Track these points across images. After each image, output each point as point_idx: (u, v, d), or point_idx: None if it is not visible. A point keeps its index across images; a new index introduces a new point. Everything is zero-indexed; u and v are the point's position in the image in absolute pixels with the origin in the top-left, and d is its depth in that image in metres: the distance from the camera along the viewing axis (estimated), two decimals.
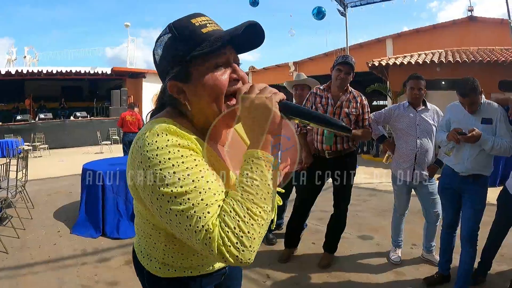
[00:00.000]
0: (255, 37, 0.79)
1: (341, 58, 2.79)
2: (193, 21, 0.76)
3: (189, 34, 0.74)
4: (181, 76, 0.77)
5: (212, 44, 0.72)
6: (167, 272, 0.91)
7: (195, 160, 0.70)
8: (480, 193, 2.42)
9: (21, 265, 2.98)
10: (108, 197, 3.70)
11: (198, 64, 0.75)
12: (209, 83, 0.75)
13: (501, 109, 2.37)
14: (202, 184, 0.68)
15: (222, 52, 0.75)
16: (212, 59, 0.75)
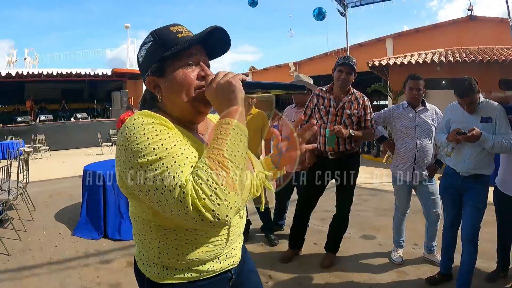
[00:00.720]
0: (223, 41, 0.91)
1: (342, 59, 2.79)
2: (171, 29, 0.89)
3: (166, 38, 0.87)
4: (157, 72, 0.88)
5: (182, 44, 0.85)
6: (166, 276, 0.90)
7: (168, 133, 0.77)
8: (481, 192, 2.42)
9: (23, 267, 2.98)
10: (110, 198, 3.70)
11: (171, 62, 0.87)
12: (179, 77, 0.86)
13: (500, 107, 2.37)
14: (175, 150, 0.73)
15: (193, 53, 0.88)
16: (183, 58, 0.87)
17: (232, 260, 0.99)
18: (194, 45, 0.88)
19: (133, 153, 0.74)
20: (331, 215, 3.11)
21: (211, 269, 0.93)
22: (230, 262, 0.98)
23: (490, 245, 2.83)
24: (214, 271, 0.94)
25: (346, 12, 9.81)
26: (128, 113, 7.51)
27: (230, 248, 0.98)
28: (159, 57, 0.87)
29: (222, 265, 0.95)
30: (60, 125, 14.03)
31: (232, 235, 0.97)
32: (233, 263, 0.99)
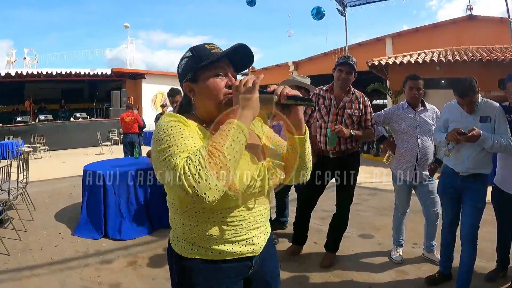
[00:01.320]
0: (247, 56, 1.09)
1: (342, 59, 2.79)
2: (206, 46, 1.08)
3: (201, 53, 1.06)
4: (193, 79, 1.07)
5: (213, 58, 1.03)
6: (190, 251, 1.05)
7: (180, 128, 0.95)
8: (480, 192, 2.42)
9: (24, 268, 2.98)
10: (110, 198, 3.71)
11: (204, 72, 1.05)
12: (210, 84, 1.05)
13: (498, 107, 2.38)
14: (180, 141, 0.91)
15: (222, 66, 1.06)
16: (213, 69, 1.04)
17: (252, 247, 1.09)
18: (223, 60, 1.06)
19: (155, 143, 0.95)
20: (331, 214, 3.11)
21: (230, 251, 1.04)
22: (250, 249, 1.08)
23: (489, 245, 2.84)
24: (233, 254, 1.05)
25: (345, 11, 9.81)
26: (128, 112, 7.51)
27: (249, 235, 1.08)
28: (195, 67, 1.05)
29: (241, 250, 1.06)
30: (60, 125, 14.04)
31: (248, 221, 1.07)
32: (253, 251, 1.09)
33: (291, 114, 1.05)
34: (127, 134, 7.32)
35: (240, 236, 1.06)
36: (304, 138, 1.09)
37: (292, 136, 1.09)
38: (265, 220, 1.16)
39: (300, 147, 1.10)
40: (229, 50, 1.03)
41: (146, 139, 13.54)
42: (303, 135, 1.09)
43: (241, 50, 1.06)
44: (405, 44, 13.53)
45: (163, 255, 3.24)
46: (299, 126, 1.07)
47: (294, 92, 1.01)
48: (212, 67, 1.04)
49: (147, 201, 3.91)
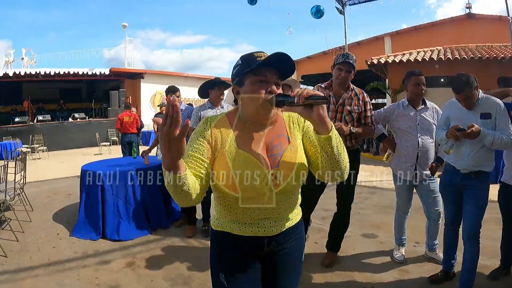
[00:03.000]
0: (286, 63, 1.18)
1: (342, 57, 2.75)
2: (255, 54, 1.22)
3: (248, 60, 1.21)
4: (239, 83, 1.24)
5: (255, 64, 1.16)
6: (216, 225, 1.31)
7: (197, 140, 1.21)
8: (482, 190, 2.39)
9: (21, 269, 2.93)
10: (108, 198, 3.66)
11: (248, 77, 1.20)
12: (251, 88, 1.19)
13: (499, 103, 2.35)
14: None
15: (264, 72, 1.17)
16: (257, 76, 1.18)
17: (263, 229, 1.25)
18: (266, 67, 1.17)
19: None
20: (332, 213, 3.08)
21: (243, 229, 1.25)
22: (262, 231, 1.25)
23: (491, 243, 2.82)
24: (245, 232, 1.25)
25: (344, 10, 9.77)
26: (126, 112, 7.46)
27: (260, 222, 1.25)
28: (241, 72, 1.21)
29: (253, 230, 1.25)
30: (58, 125, 13.99)
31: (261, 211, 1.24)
32: (264, 232, 1.25)
33: (313, 113, 1.07)
34: (126, 134, 7.27)
35: (251, 220, 1.24)
36: (330, 136, 1.09)
37: (318, 136, 1.11)
38: (283, 211, 1.28)
39: (328, 146, 1.11)
40: (266, 59, 1.15)
41: (144, 139, 13.52)
42: (328, 134, 1.09)
43: (279, 58, 1.15)
44: (404, 42, 13.53)
45: (161, 255, 3.21)
46: (323, 124, 1.08)
47: (312, 92, 1.06)
48: (254, 73, 1.18)
49: (146, 202, 3.87)
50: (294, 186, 1.24)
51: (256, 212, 1.23)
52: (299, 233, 1.40)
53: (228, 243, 1.28)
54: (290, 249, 1.35)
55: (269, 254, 1.32)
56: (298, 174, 1.23)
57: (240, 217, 1.25)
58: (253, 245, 1.28)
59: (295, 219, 1.37)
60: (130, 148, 6.99)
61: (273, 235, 1.27)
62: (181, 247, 3.39)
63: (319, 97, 1.05)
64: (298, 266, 1.42)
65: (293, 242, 1.36)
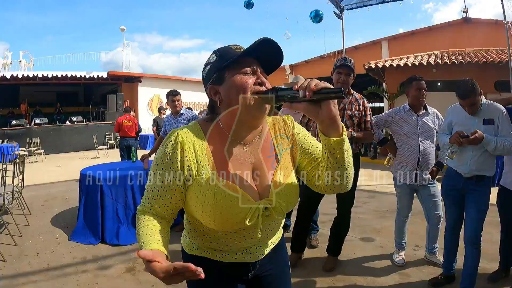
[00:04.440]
0: (275, 53, 0.98)
1: (340, 61, 2.78)
2: (231, 46, 1.01)
3: (225, 53, 0.99)
4: (217, 80, 0.99)
5: (237, 55, 0.95)
6: (192, 249, 1.12)
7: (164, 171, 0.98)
8: (483, 194, 2.41)
9: (19, 274, 2.90)
10: (107, 203, 3.64)
11: (229, 71, 0.97)
12: (237, 80, 0.96)
13: (502, 109, 2.37)
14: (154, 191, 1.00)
15: (248, 62, 0.97)
16: (240, 67, 0.96)
17: (248, 256, 1.09)
18: (250, 58, 0.97)
19: (154, 161, 1.03)
20: (331, 218, 3.08)
21: (225, 256, 1.08)
22: (247, 257, 1.09)
23: (490, 246, 2.83)
24: (229, 258, 1.08)
25: (342, 14, 9.83)
26: (125, 116, 7.44)
27: (246, 248, 1.08)
28: (218, 67, 0.98)
29: (237, 257, 1.08)
30: (55, 129, 13.91)
31: (244, 240, 1.05)
32: (249, 259, 1.09)
33: (322, 111, 0.84)
34: (125, 138, 7.24)
35: (236, 248, 1.08)
36: (342, 139, 0.90)
37: (327, 138, 0.90)
38: (270, 236, 1.12)
39: (339, 151, 0.92)
40: (252, 46, 0.93)
41: (142, 143, 13.48)
42: (340, 137, 0.90)
43: (266, 46, 0.94)
44: (401, 47, 13.62)
45: None
46: (334, 124, 0.87)
47: (322, 85, 0.82)
48: (237, 66, 0.96)
49: None
50: (285, 213, 1.07)
51: (240, 240, 1.05)
52: (281, 247, 1.23)
53: (209, 270, 0.99)
54: (276, 268, 1.20)
55: (255, 278, 1.17)
56: (291, 201, 1.05)
57: (221, 247, 1.07)
58: (238, 271, 1.11)
59: (279, 237, 1.20)
60: (128, 152, 6.97)
61: (258, 260, 1.12)
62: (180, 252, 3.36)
63: (332, 89, 0.81)
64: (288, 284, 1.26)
65: (278, 258, 1.21)
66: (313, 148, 1.09)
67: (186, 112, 4.08)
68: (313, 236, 3.52)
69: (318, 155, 1.07)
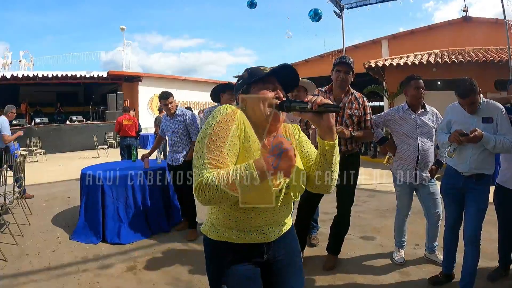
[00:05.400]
0: (292, 76, 1.28)
1: (338, 59, 2.78)
2: (260, 68, 1.29)
3: (255, 71, 1.29)
4: (245, 91, 1.28)
5: (264, 74, 1.24)
6: (213, 234, 1.28)
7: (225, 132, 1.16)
8: (483, 192, 2.42)
9: (21, 273, 2.92)
10: (108, 202, 3.65)
11: (255, 86, 1.26)
12: (260, 93, 1.23)
13: (501, 108, 2.37)
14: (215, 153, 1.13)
15: (270, 81, 1.25)
16: (263, 84, 1.24)
17: (262, 235, 1.26)
18: (273, 78, 1.25)
19: (206, 126, 1.20)
20: (331, 216, 3.09)
21: (241, 237, 1.24)
22: (261, 237, 1.26)
23: (489, 244, 2.83)
24: (244, 239, 1.24)
25: (342, 13, 9.81)
26: (125, 115, 7.45)
27: (259, 228, 1.25)
28: (247, 82, 1.26)
29: (252, 237, 1.24)
30: (56, 128, 13.90)
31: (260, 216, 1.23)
32: (263, 238, 1.26)
33: (323, 120, 1.14)
34: (125, 137, 7.25)
35: (246, 228, 1.24)
36: (335, 144, 1.18)
37: (323, 141, 1.18)
38: (282, 216, 1.30)
39: (330, 154, 1.19)
40: (275, 68, 1.24)
41: (142, 142, 13.48)
42: (333, 141, 1.18)
43: (286, 71, 1.25)
44: (401, 46, 13.61)
45: (162, 259, 3.20)
46: (330, 131, 1.16)
47: (325, 101, 1.12)
48: (262, 82, 1.24)
49: (146, 205, 3.87)
50: (295, 187, 1.25)
51: (256, 217, 1.23)
52: (293, 236, 1.43)
53: (228, 253, 1.25)
54: (288, 255, 1.37)
55: (268, 262, 1.32)
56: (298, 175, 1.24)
57: (240, 224, 1.23)
58: (253, 253, 1.27)
59: (289, 223, 1.39)
60: (129, 152, 6.97)
61: (272, 240, 1.29)
62: (182, 251, 3.39)
63: (332, 105, 1.12)
64: (299, 272, 1.42)
65: (289, 246, 1.38)
66: (310, 153, 1.34)
67: (182, 112, 3.90)
68: (313, 235, 3.53)
69: (312, 159, 1.31)
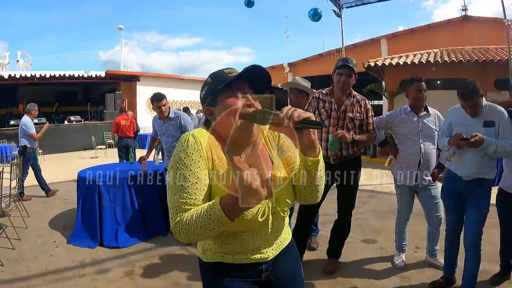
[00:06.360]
0: (263, 77, 1.11)
1: (341, 62, 2.73)
2: (225, 71, 1.13)
3: (219, 76, 1.11)
4: (212, 103, 1.13)
5: (229, 80, 1.06)
6: (207, 257, 1.18)
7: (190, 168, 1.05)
8: (484, 197, 2.40)
9: (18, 278, 2.88)
10: (105, 205, 3.62)
11: (222, 94, 1.09)
12: (228, 103, 1.09)
13: (503, 111, 2.34)
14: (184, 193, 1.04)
15: (238, 87, 1.09)
16: (231, 91, 1.08)
17: (259, 255, 1.15)
18: (241, 82, 1.09)
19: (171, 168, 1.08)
20: (331, 218, 3.06)
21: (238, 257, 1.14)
22: (258, 257, 1.15)
23: (491, 248, 2.80)
24: (241, 260, 1.14)
25: (341, 12, 9.78)
26: (123, 116, 7.40)
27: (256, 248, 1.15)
28: (213, 91, 1.10)
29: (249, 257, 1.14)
30: (54, 128, 13.80)
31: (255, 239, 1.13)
32: (260, 258, 1.16)
33: (303, 135, 0.98)
34: (123, 138, 7.19)
35: (247, 250, 1.14)
36: (317, 160, 1.04)
37: (305, 158, 1.04)
38: (278, 234, 1.20)
39: (314, 169, 1.06)
40: (242, 72, 1.08)
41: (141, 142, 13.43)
42: (316, 157, 1.04)
43: (255, 72, 1.09)
44: (401, 45, 13.58)
45: (161, 264, 3.17)
46: (312, 147, 1.01)
47: (304, 115, 0.94)
48: (229, 89, 1.08)
49: (144, 208, 3.83)
50: (289, 204, 1.16)
51: (250, 241, 1.13)
52: (293, 251, 1.31)
53: (224, 274, 1.16)
54: (289, 273, 1.27)
55: (268, 281, 1.23)
56: (291, 198, 1.16)
57: (235, 249, 1.13)
58: (251, 272, 1.18)
59: (288, 238, 1.28)
60: (126, 153, 6.92)
61: (270, 259, 1.19)
62: (180, 255, 3.35)
63: (313, 122, 0.94)
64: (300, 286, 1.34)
65: (290, 263, 1.28)
66: (295, 158, 1.19)
67: (176, 115, 3.72)
68: (313, 239, 3.50)
69: (297, 166, 1.16)
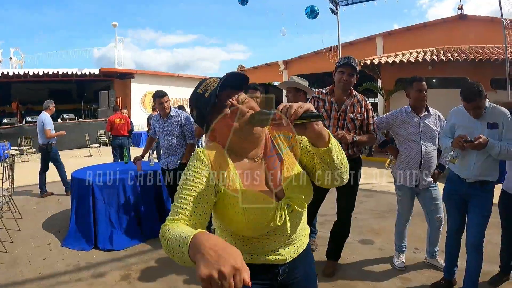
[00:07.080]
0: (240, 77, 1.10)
1: (343, 60, 2.68)
2: (198, 91, 1.09)
3: (199, 104, 1.08)
4: (208, 128, 1.12)
5: (209, 104, 1.03)
6: None
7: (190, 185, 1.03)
8: (487, 200, 2.37)
9: (11, 283, 2.80)
10: (99, 207, 3.54)
11: (211, 117, 1.08)
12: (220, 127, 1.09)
13: (507, 113, 2.32)
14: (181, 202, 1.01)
15: (221, 100, 1.05)
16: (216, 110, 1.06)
17: (277, 256, 1.13)
18: (220, 94, 1.03)
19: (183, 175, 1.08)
20: (330, 219, 3.04)
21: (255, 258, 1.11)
22: (275, 258, 1.12)
23: (491, 248, 2.79)
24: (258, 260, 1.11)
25: (338, 10, 9.74)
26: (116, 114, 7.29)
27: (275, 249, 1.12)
28: (203, 118, 1.09)
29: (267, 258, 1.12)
30: None
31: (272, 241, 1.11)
32: (278, 260, 1.13)
33: (306, 129, 0.92)
34: (117, 137, 7.09)
35: (265, 251, 1.12)
36: (329, 148, 0.98)
37: (316, 149, 1.00)
38: (297, 234, 1.17)
39: (328, 158, 1.01)
40: (217, 86, 1.02)
41: (135, 141, 13.32)
42: (327, 146, 0.98)
43: (233, 78, 1.07)
44: (396, 43, 13.56)
45: (157, 266, 3.11)
46: (320, 137, 0.96)
47: (301, 110, 0.89)
48: (214, 109, 1.05)
49: (138, 209, 3.76)
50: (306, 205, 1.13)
51: (270, 241, 1.11)
52: (310, 257, 1.28)
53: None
54: (304, 280, 1.23)
55: (282, 285, 1.20)
56: (307, 193, 1.12)
57: (253, 248, 1.11)
58: (266, 274, 1.14)
59: (305, 241, 1.24)
60: (121, 152, 6.83)
61: (287, 262, 1.15)
62: None
63: (311, 115, 0.90)
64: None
65: (305, 268, 1.24)
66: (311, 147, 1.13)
67: (177, 113, 3.71)
68: (312, 240, 3.47)
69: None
